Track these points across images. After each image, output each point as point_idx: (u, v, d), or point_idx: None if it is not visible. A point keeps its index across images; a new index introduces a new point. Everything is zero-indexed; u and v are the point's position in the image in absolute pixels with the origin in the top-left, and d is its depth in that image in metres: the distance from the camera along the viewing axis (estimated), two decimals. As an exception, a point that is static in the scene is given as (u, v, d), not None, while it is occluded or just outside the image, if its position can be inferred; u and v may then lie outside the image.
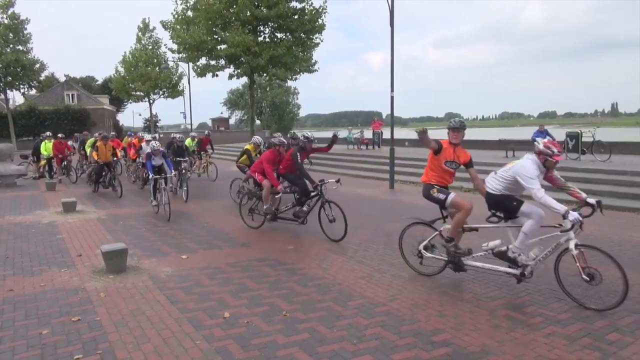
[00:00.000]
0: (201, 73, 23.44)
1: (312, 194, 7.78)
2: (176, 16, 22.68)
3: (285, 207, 8.23)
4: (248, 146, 11.45)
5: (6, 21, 35.73)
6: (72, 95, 50.64)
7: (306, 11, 22.05)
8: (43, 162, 17.27)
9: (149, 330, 4.22)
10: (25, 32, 37.09)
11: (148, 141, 13.16)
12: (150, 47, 41.55)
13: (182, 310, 4.66)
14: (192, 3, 22.22)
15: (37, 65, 38.43)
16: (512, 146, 17.75)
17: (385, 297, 4.98)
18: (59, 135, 17.23)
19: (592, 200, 4.66)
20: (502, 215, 5.11)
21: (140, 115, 75.75)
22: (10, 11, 35.70)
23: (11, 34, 36.13)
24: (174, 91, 42.53)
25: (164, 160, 10.58)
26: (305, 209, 7.88)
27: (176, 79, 42.21)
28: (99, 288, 5.37)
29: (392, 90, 13.90)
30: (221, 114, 69.05)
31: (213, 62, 23.22)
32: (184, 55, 23.42)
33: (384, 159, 16.51)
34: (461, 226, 5.27)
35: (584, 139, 15.35)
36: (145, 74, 39.89)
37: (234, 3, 21.04)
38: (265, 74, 24.17)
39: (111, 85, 45.08)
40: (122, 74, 41.26)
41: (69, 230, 8.55)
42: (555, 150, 4.70)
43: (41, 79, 43.97)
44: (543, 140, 4.84)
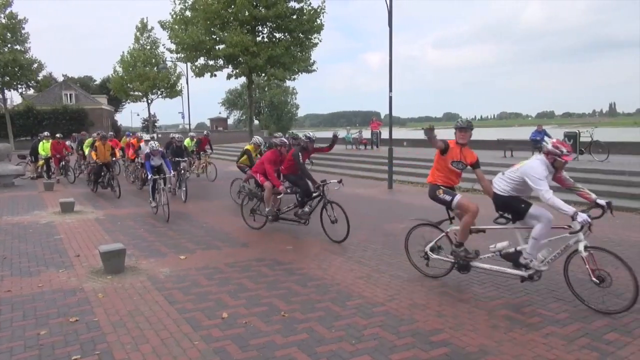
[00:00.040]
0: (199, 73, 23.46)
1: (314, 194, 7.72)
2: (174, 16, 22.70)
3: (287, 207, 8.20)
4: (248, 146, 11.43)
5: (4, 21, 35.71)
6: (70, 95, 50.64)
7: (304, 11, 22.09)
8: (41, 162, 17.23)
9: (147, 330, 4.21)
10: (23, 31, 37.10)
11: (147, 141, 13.13)
12: (149, 47, 41.59)
13: (180, 311, 4.66)
14: (190, 3, 22.26)
15: (35, 65, 38.42)
16: (510, 146, 17.77)
17: (383, 297, 4.98)
18: (57, 135, 17.20)
19: (602, 202, 4.56)
20: (510, 216, 4.99)
21: (138, 115, 75.84)
22: (8, 11, 35.70)
23: (9, 34, 36.11)
24: (172, 91, 42.55)
25: (163, 161, 10.49)
26: (307, 209, 7.83)
27: (174, 79, 42.23)
28: (97, 288, 5.36)
29: (391, 90, 13.90)
30: (219, 114, 69.02)
31: (211, 62, 23.26)
32: (182, 55, 23.45)
33: (383, 159, 16.53)
34: (468, 229, 5.18)
35: (582, 139, 15.37)
36: (144, 74, 39.92)
37: (232, 3, 21.06)
38: (263, 74, 24.20)
39: (109, 85, 45.10)
40: (120, 74, 41.29)
41: (67, 231, 8.53)
42: (565, 150, 4.58)
43: (39, 78, 43.93)
44: (552, 140, 4.71)
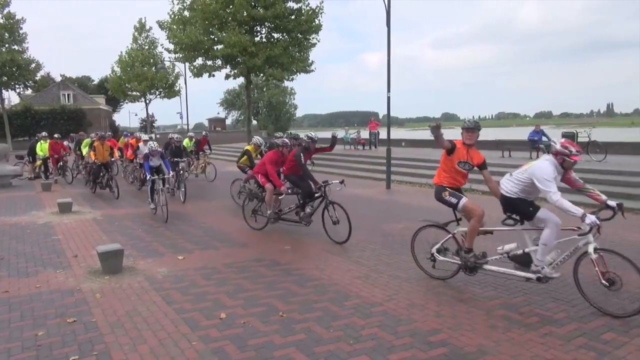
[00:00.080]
0: (198, 73, 23.44)
1: (316, 195, 7.66)
2: (172, 16, 22.68)
3: (288, 208, 8.15)
4: (248, 147, 11.42)
5: (1, 21, 35.60)
6: (68, 95, 50.54)
7: (303, 11, 22.10)
8: (39, 163, 17.19)
9: (145, 331, 4.21)
10: (21, 31, 36.99)
11: (145, 141, 13.11)
12: (147, 47, 41.51)
13: (178, 311, 4.65)
14: (188, 3, 22.24)
15: (33, 65, 38.33)
16: (508, 146, 17.81)
17: (382, 298, 4.98)
18: (55, 136, 17.17)
19: (612, 203, 4.46)
20: (518, 217, 4.92)
21: (136, 115, 75.61)
22: (6, 11, 35.60)
23: (6, 34, 36.00)
24: (170, 91, 42.49)
25: (162, 161, 10.43)
26: (308, 210, 7.79)
27: (172, 79, 42.18)
28: (95, 289, 5.35)
29: (389, 90, 13.92)
30: (218, 114, 69.03)
31: (209, 62, 23.25)
32: (181, 55, 23.44)
33: (381, 159, 16.53)
34: (476, 233, 5.13)
35: (579, 139, 15.42)
36: (142, 74, 39.86)
37: (231, 3, 21.06)
38: (261, 74, 24.20)
39: (107, 85, 45.05)
40: (119, 74, 41.20)
41: (64, 231, 8.51)
42: (574, 149, 4.49)
43: (37, 78, 43.83)
44: (560, 140, 4.64)
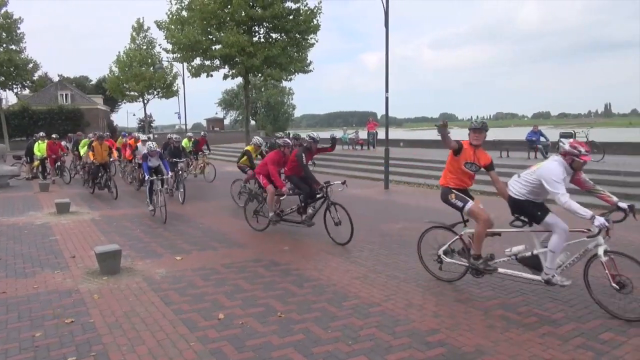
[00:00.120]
0: (196, 73, 23.43)
1: (318, 195, 7.62)
2: (171, 16, 22.66)
3: (290, 209, 8.09)
4: (248, 147, 11.42)
5: (-1, 20, 35.55)
6: (66, 95, 50.41)
7: (301, 12, 22.09)
8: (36, 163, 17.16)
9: (143, 332, 4.20)
10: (19, 31, 36.91)
11: (144, 141, 13.09)
12: (145, 47, 41.46)
13: (176, 312, 4.65)
14: (186, 3, 22.22)
15: (31, 65, 38.29)
16: (506, 146, 17.83)
17: (380, 298, 4.98)
18: (53, 136, 17.13)
19: (623, 205, 4.34)
20: (526, 219, 4.85)
21: (134, 115, 75.66)
22: (3, 10, 35.53)
23: (4, 34, 35.95)
24: (168, 91, 42.46)
25: (160, 162, 10.34)
26: (310, 211, 7.74)
27: (170, 79, 42.15)
28: (93, 290, 5.34)
29: (387, 90, 13.91)
30: (216, 114, 69.07)
31: (208, 63, 23.24)
32: (179, 56, 23.42)
33: (379, 159, 16.53)
34: (483, 239, 5.03)
35: (577, 139, 15.43)
36: (140, 74, 39.81)
37: (229, 3, 21.05)
38: (260, 75, 24.20)
39: (105, 85, 44.99)
40: (117, 74, 41.14)
41: (62, 232, 8.49)
42: (583, 150, 4.38)
43: (34, 78, 43.79)
44: (569, 140, 4.54)
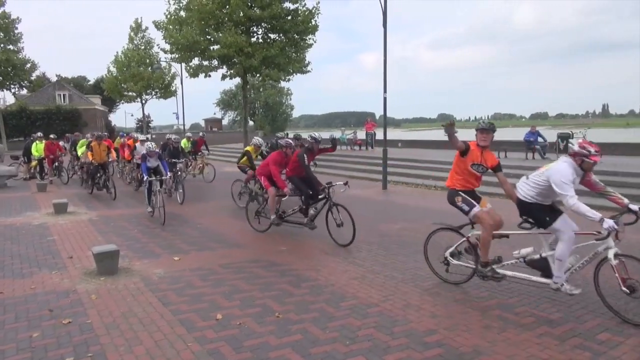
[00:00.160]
0: (194, 73, 23.38)
1: (320, 196, 7.58)
2: (169, 16, 22.61)
3: (292, 210, 8.05)
4: (248, 147, 11.40)
5: (-4, 20, 35.43)
6: (64, 96, 50.29)
7: (299, 12, 22.08)
8: (34, 163, 17.13)
9: (140, 332, 4.19)
10: (16, 31, 36.79)
11: (143, 141, 13.07)
12: (143, 47, 41.38)
13: (174, 312, 4.64)
14: (184, 3, 22.17)
15: (28, 65, 38.13)
16: (504, 147, 17.87)
17: (378, 298, 4.99)
18: (52, 136, 17.08)
19: (635, 207, 4.25)
20: (534, 221, 4.79)
21: (132, 115, 75.57)
22: (1, 10, 35.40)
23: (1, 34, 35.81)
24: (166, 92, 42.38)
25: (159, 162, 10.28)
26: (312, 212, 7.70)
27: (169, 79, 42.07)
28: (90, 290, 5.33)
29: (385, 91, 13.92)
30: (214, 114, 68.94)
31: (206, 63, 23.18)
32: (177, 56, 23.36)
33: (377, 159, 16.53)
34: (489, 246, 4.96)
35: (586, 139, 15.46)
36: (138, 74, 39.72)
37: (227, 3, 21.01)
38: (258, 75, 24.15)
39: (103, 86, 44.83)
40: (115, 74, 41.05)
41: (60, 232, 8.48)
42: (593, 150, 4.26)
43: (32, 78, 43.61)
44: (578, 140, 4.43)
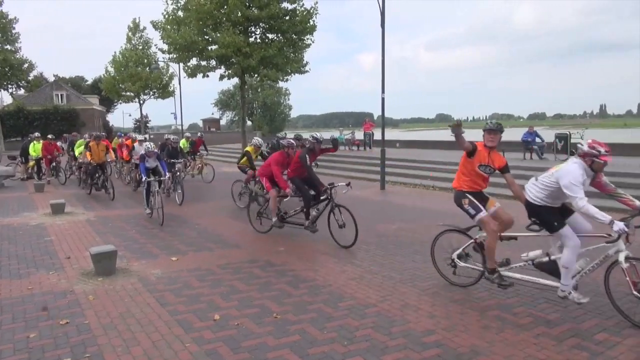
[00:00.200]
0: (192, 74, 23.36)
1: (322, 197, 7.53)
2: (167, 16, 22.59)
3: (293, 211, 8.02)
4: (248, 148, 11.40)
5: (-6, 20, 35.29)
6: (61, 96, 50.17)
7: (297, 12, 22.08)
8: (31, 163, 17.08)
9: (138, 333, 4.19)
10: (14, 31, 36.68)
11: (141, 141, 13.05)
12: (141, 47, 41.33)
13: (171, 313, 4.63)
14: (182, 3, 22.16)
15: (26, 65, 38.00)
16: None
17: (376, 298, 4.99)
18: (49, 136, 17.05)
19: None
20: (541, 224, 4.71)
21: (130, 115, 75.38)
22: (-1, 10, 35.29)
23: (-1, 33, 35.72)
24: (164, 92, 42.35)
25: (158, 162, 10.24)
26: (314, 213, 7.66)
27: (167, 79, 42.03)
28: (88, 291, 5.32)
29: (383, 91, 13.93)
30: (212, 114, 68.78)
31: (204, 63, 23.16)
32: (175, 56, 23.34)
33: (375, 160, 16.55)
34: (494, 252, 4.87)
35: (572, 140, 15.50)
36: (136, 74, 39.69)
37: (225, 3, 21.01)
38: (256, 75, 24.14)
39: (101, 86, 44.79)
40: (112, 74, 41.01)
41: (57, 232, 8.46)
42: (602, 149, 4.17)
43: (30, 78, 43.51)
44: (587, 141, 4.32)
